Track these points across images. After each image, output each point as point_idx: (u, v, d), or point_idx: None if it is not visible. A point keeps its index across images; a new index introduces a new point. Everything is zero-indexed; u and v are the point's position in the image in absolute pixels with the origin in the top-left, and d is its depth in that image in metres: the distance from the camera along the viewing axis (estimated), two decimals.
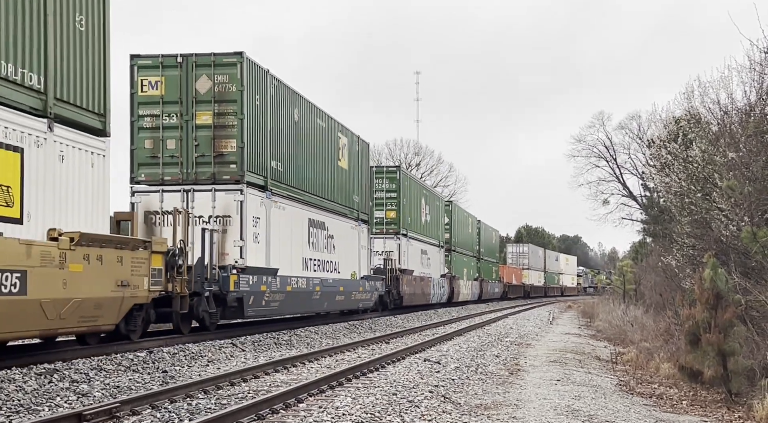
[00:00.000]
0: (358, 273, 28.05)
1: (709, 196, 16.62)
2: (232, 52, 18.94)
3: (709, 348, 11.27)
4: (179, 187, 18.84)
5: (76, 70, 13.25)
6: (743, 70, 16.78)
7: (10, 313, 10.93)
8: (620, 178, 64.44)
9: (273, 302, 20.23)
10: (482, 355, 16.87)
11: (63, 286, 12.02)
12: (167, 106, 18.93)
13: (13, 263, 10.91)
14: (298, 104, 22.55)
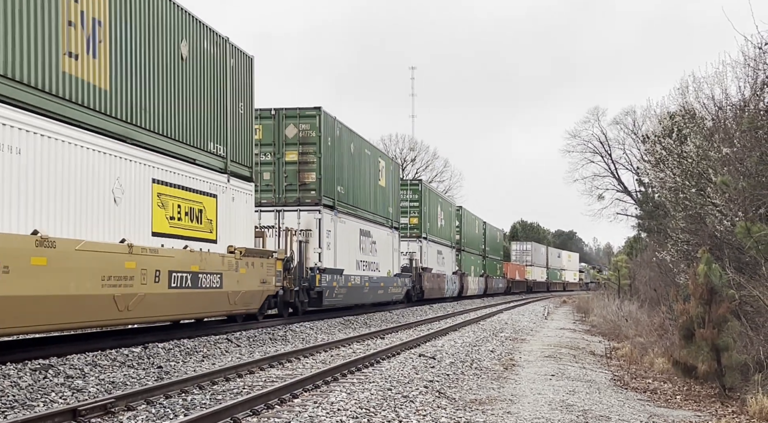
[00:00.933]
0: (392, 271, 34.18)
1: (704, 191, 16.65)
2: (312, 108, 25.20)
3: (703, 343, 11.30)
4: (273, 208, 24.71)
5: (239, 140, 19.42)
6: (737, 65, 16.81)
7: (215, 300, 17.24)
8: (615, 173, 64.61)
9: (339, 295, 26.45)
10: (477, 351, 16.90)
11: (237, 283, 18.15)
12: (264, 147, 24.86)
13: (216, 269, 17.08)
14: (353, 140, 28.99)
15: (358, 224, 28.97)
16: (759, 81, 16.32)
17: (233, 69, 18.79)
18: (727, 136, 16.11)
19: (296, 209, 24.84)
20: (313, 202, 24.94)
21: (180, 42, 16.16)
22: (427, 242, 41.41)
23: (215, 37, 17.89)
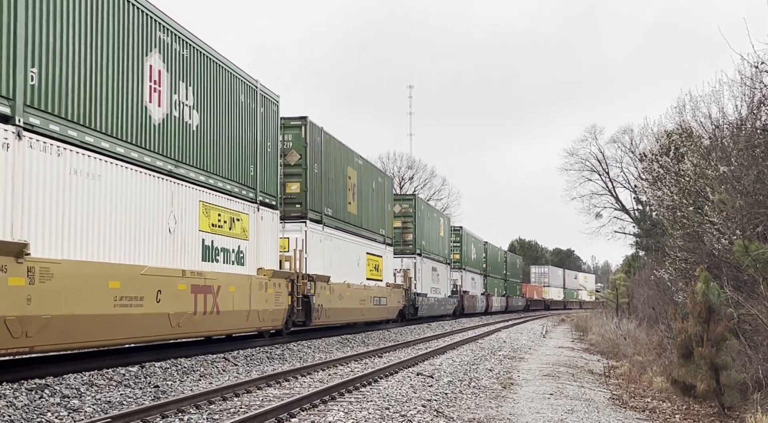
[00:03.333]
0: (447, 293, 48.43)
1: (701, 209, 16.66)
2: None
3: (702, 361, 11.27)
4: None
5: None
6: (734, 84, 16.87)
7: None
8: (613, 191, 64.70)
9: (424, 309, 40.75)
10: (475, 369, 16.84)
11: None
12: None
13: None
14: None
15: (432, 263, 44.00)
16: (755, 100, 16.37)
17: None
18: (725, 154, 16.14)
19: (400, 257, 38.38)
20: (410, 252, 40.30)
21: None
22: (465, 271, 55.08)
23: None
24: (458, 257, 53.46)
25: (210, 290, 16.75)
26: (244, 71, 19.41)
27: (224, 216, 18.12)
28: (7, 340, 10.82)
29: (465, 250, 55.16)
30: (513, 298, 76.57)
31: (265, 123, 20.86)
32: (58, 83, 12.17)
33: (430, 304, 42.08)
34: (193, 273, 16.04)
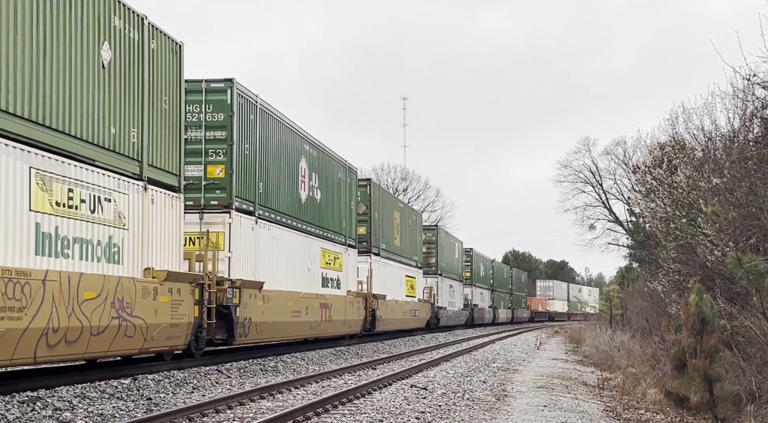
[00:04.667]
0: (460, 306, 55.27)
1: (694, 221, 16.70)
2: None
3: (695, 373, 11.26)
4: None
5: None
6: (726, 96, 16.93)
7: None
8: (606, 203, 64.87)
9: (446, 319, 48.94)
10: (469, 381, 16.81)
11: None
12: None
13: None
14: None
15: (449, 281, 51.11)
16: (748, 112, 16.44)
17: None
18: (717, 166, 16.19)
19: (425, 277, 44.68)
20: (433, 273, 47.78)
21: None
22: (475, 287, 61.79)
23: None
24: (469, 275, 60.10)
25: (327, 306, 25.28)
26: (339, 155, 27.59)
27: (331, 256, 26.54)
28: (254, 335, 19.79)
29: (475, 269, 62.38)
30: (518, 310, 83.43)
31: (350, 188, 29.24)
32: (270, 191, 21.33)
33: (448, 316, 50.23)
34: (319, 295, 24.64)
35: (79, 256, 12.82)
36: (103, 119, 13.73)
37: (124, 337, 13.76)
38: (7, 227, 11.18)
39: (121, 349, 14.01)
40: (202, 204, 18.63)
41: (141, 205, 14.84)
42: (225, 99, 18.94)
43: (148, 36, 15.29)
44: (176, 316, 15.59)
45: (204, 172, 18.72)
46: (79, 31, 13.07)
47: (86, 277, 12.69)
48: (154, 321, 14.69)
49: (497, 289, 72.77)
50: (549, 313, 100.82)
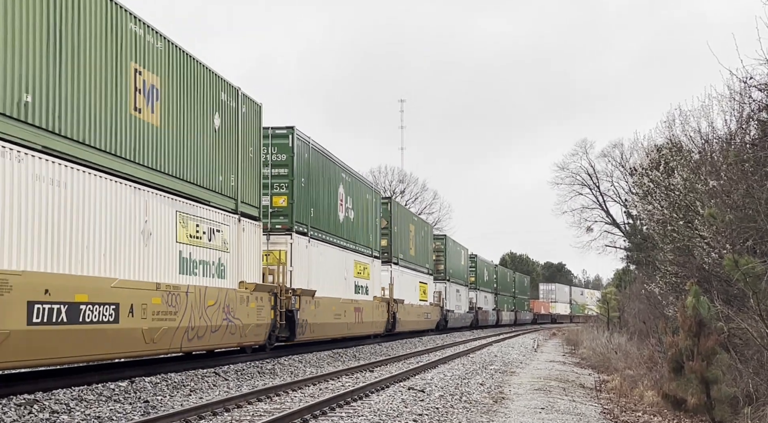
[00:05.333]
0: (465, 309, 59.16)
1: (691, 223, 16.71)
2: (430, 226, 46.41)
3: (693, 376, 11.27)
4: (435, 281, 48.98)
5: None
6: (723, 99, 16.95)
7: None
8: (603, 205, 64.86)
9: (457, 321, 54.58)
10: (467, 383, 16.81)
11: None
12: None
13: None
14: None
15: (456, 286, 55.39)
16: (744, 114, 16.47)
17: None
18: (714, 168, 16.21)
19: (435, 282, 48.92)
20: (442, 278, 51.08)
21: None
22: (479, 291, 65.73)
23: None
24: (473, 280, 64.30)
25: (360, 310, 29.81)
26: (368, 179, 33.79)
27: (362, 267, 31.02)
28: (308, 334, 23.60)
29: (479, 274, 66.37)
30: (521, 313, 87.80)
31: (375, 207, 33.48)
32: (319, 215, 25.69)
33: (455, 318, 54.65)
34: (353, 301, 29.15)
35: (202, 273, 17.31)
36: (214, 170, 18.12)
37: (230, 333, 18.34)
38: (164, 255, 15.68)
39: (227, 343, 18.65)
40: (269, 228, 22.71)
41: (237, 233, 19.22)
42: (287, 143, 23.46)
43: (241, 102, 19.70)
44: (260, 318, 20.23)
45: (270, 201, 22.97)
46: (203, 108, 17.64)
47: (209, 290, 17.25)
48: (247, 322, 19.33)
49: (501, 293, 76.22)
50: (551, 315, 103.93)
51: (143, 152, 14.99)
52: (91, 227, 13.36)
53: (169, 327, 15.34)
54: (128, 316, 13.90)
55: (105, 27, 13.96)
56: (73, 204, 12.90)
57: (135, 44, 14.83)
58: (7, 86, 11.47)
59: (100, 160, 13.68)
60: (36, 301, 11.64)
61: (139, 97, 14.91)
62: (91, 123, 13.47)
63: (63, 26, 12.74)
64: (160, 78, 15.72)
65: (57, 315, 12.07)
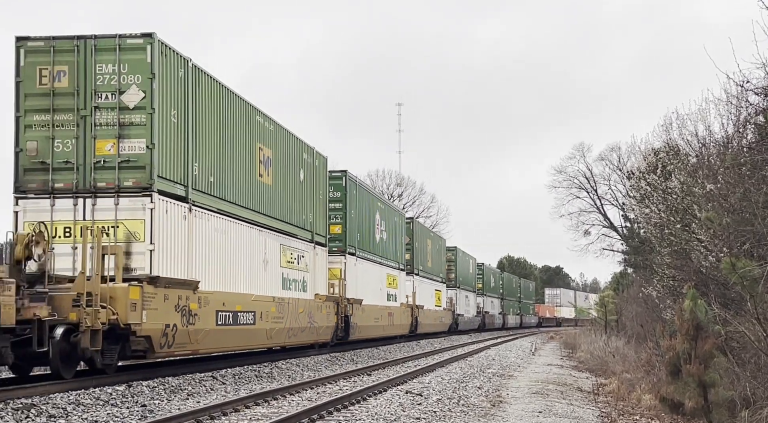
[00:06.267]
0: (474, 313, 63.63)
1: (689, 227, 16.72)
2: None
3: (690, 379, 11.27)
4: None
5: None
6: (720, 103, 16.96)
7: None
8: (601, 209, 64.96)
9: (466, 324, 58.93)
10: (464, 387, 16.81)
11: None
12: None
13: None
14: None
15: (465, 292, 59.87)
16: (741, 118, 16.47)
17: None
18: (711, 172, 16.22)
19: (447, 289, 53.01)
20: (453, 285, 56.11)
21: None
22: (486, 296, 70.00)
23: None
24: (481, 286, 68.32)
25: (392, 314, 35.92)
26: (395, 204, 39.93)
27: (392, 278, 36.83)
28: (357, 334, 29.49)
29: (486, 280, 70.89)
30: (526, 316, 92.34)
31: (401, 227, 39.70)
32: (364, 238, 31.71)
33: (465, 321, 59.05)
34: (387, 307, 35.25)
35: (294, 289, 23.52)
36: (300, 211, 24.34)
37: (311, 333, 24.88)
38: (275, 276, 22.09)
39: (309, 340, 25.24)
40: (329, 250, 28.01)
41: (313, 257, 25.42)
42: (341, 183, 29.41)
43: (315, 158, 25.99)
44: (328, 322, 26.56)
45: (328, 230, 28.05)
46: (294, 167, 24.03)
47: (299, 301, 23.64)
48: (321, 324, 25.78)
49: (506, 298, 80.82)
50: (556, 318, 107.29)
51: (262, 204, 21.24)
52: (239, 259, 19.69)
53: (280, 328, 22.10)
54: (259, 320, 20.40)
55: (245, 122, 20.26)
56: (230, 245, 19.18)
57: (259, 130, 21.18)
58: (202, 173, 17.82)
59: (242, 213, 19.99)
60: (219, 310, 18.17)
61: (261, 167, 21.19)
62: (237, 189, 19.68)
63: (223, 129, 19.00)
64: (272, 150, 22.05)
65: (227, 319, 18.60)
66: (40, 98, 15.94)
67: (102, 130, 15.89)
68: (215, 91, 18.67)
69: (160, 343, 15.59)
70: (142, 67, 15.88)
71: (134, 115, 15.90)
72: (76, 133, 15.86)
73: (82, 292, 13.86)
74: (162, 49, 16.25)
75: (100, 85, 15.98)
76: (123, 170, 15.86)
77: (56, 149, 15.87)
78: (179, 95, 16.95)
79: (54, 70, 15.93)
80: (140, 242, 15.62)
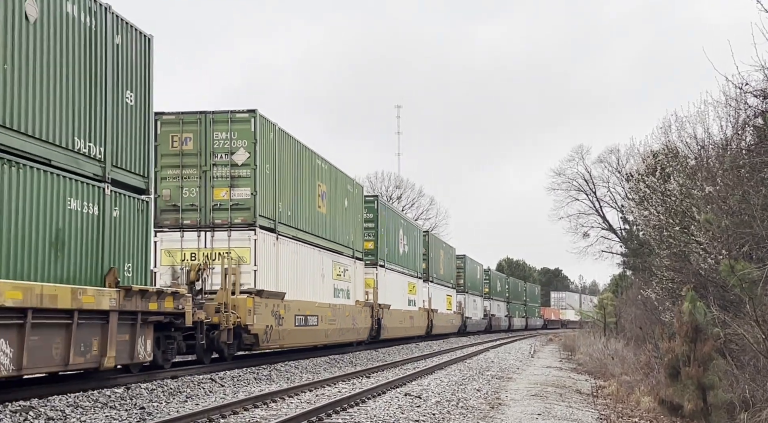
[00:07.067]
0: (481, 316, 67.54)
1: (688, 229, 16.72)
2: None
3: (689, 381, 11.26)
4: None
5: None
6: (719, 105, 16.96)
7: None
8: (600, 211, 64.97)
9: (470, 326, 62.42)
10: (463, 389, 16.79)
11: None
12: None
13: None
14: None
15: (473, 297, 64.08)
16: (740, 120, 16.48)
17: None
18: (710, 174, 16.23)
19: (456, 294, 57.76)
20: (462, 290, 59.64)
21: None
22: (492, 300, 74.44)
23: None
24: (487, 290, 73.05)
25: (412, 317, 41.41)
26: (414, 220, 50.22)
27: (411, 285, 42.13)
28: (386, 334, 35.31)
29: (492, 285, 75.77)
30: (532, 319, 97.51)
31: (419, 240, 44.82)
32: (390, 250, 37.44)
33: (473, 323, 63.30)
34: (408, 311, 40.64)
35: (341, 297, 28.76)
36: (345, 232, 29.53)
37: (353, 333, 30.33)
38: (329, 287, 27.23)
39: (352, 338, 30.53)
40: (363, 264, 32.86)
41: (354, 269, 30.69)
42: (374, 206, 35.28)
43: (354, 187, 31.47)
44: (365, 323, 32.04)
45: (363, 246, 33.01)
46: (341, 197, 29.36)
47: (346, 307, 29.11)
48: (361, 325, 31.26)
49: (512, 301, 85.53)
50: (562, 321, 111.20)
51: (320, 229, 26.36)
52: (306, 274, 24.85)
53: (334, 328, 27.40)
54: (321, 322, 25.79)
55: (309, 166, 25.43)
56: (300, 263, 24.25)
57: (318, 170, 26.31)
58: (284, 209, 22.91)
59: (308, 237, 25.09)
60: (297, 314, 23.44)
61: (319, 200, 26.32)
62: (305, 219, 24.85)
63: (297, 173, 24.21)
64: (326, 185, 27.09)
65: (302, 321, 23.94)
66: (172, 157, 20.89)
67: (218, 181, 20.99)
68: (291, 145, 23.90)
69: (263, 339, 20.71)
70: (247, 134, 21.02)
71: (242, 170, 21.01)
72: (199, 183, 20.97)
73: (222, 302, 18.92)
74: (261, 120, 21.20)
75: (217, 148, 21.04)
76: (234, 211, 20.98)
77: (185, 195, 21.00)
78: (271, 153, 22.05)
79: (182, 137, 20.94)
80: (247, 264, 20.67)
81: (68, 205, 12.99)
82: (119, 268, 14.27)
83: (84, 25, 13.68)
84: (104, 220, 13.93)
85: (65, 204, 12.89)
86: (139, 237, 15.21)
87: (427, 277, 46.88)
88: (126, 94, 15.00)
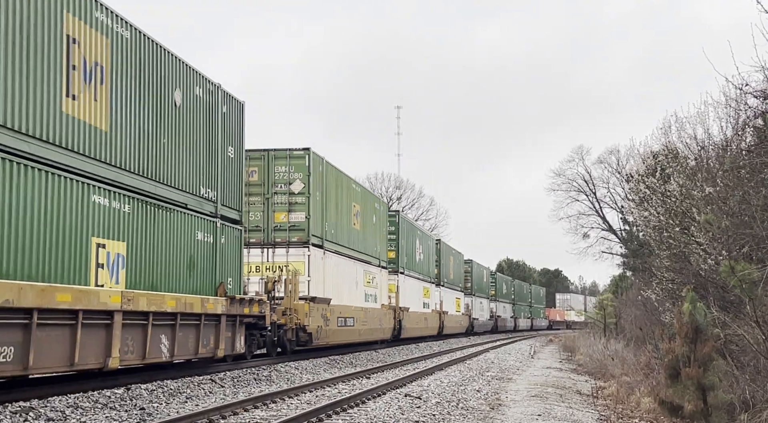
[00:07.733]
0: (487, 317, 70.60)
1: (688, 230, 16.72)
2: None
3: (689, 382, 11.25)
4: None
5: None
6: (719, 106, 16.97)
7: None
8: (600, 211, 65.00)
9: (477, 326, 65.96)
10: (463, 390, 16.79)
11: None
12: None
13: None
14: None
15: (480, 299, 67.86)
16: (740, 121, 16.48)
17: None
18: (710, 175, 16.23)
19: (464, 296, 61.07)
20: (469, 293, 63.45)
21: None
22: (498, 302, 77.91)
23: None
24: (493, 293, 76.62)
25: (426, 319, 44.76)
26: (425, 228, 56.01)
27: (426, 290, 45.48)
28: (406, 334, 39.76)
29: (498, 288, 79.33)
30: (537, 320, 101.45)
31: (432, 248, 48.80)
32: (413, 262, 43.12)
33: (479, 324, 66.28)
34: (424, 313, 44.40)
35: (370, 301, 32.77)
36: (373, 244, 33.76)
37: (379, 332, 34.08)
38: (361, 293, 31.39)
39: (378, 337, 34.50)
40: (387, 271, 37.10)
41: (380, 277, 34.65)
42: (395, 219, 39.72)
43: (380, 205, 36.21)
44: (389, 324, 35.91)
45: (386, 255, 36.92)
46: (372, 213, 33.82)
47: (374, 310, 33.23)
48: (385, 326, 35.21)
49: (517, 303, 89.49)
50: (566, 322, 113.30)
51: (355, 243, 30.56)
52: (344, 282, 29.00)
53: (365, 328, 31.66)
54: (356, 323, 29.91)
55: (347, 190, 29.90)
56: (341, 273, 28.53)
57: (353, 193, 30.90)
58: (329, 228, 27.03)
59: (345, 251, 29.29)
60: (338, 316, 27.62)
61: (354, 218, 30.65)
62: (344, 235, 29.17)
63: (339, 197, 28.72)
64: (360, 205, 31.42)
65: (342, 322, 28.07)
66: None
67: (278, 206, 25.15)
68: (335, 174, 28.26)
69: (315, 337, 24.77)
70: (302, 168, 25.17)
71: (298, 197, 25.19)
72: (262, 208, 25.07)
73: (287, 306, 23.26)
74: (313, 156, 25.45)
75: (277, 179, 25.24)
76: (291, 232, 25.10)
77: (251, 218, 24.69)
78: (320, 182, 26.22)
79: (249, 170, 24.36)
80: (302, 275, 24.53)
81: (196, 236, 17.25)
82: (225, 282, 18.52)
83: (205, 102, 18.02)
84: (216, 246, 18.17)
85: (194, 236, 17.15)
86: (236, 257, 19.42)
87: (439, 281, 50.61)
88: (228, 149, 19.24)
